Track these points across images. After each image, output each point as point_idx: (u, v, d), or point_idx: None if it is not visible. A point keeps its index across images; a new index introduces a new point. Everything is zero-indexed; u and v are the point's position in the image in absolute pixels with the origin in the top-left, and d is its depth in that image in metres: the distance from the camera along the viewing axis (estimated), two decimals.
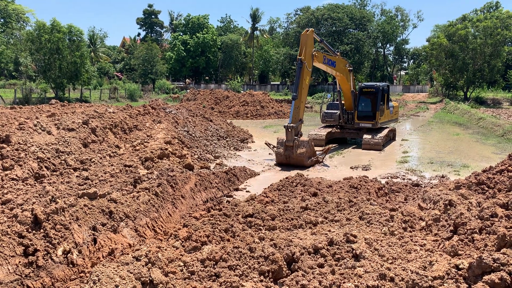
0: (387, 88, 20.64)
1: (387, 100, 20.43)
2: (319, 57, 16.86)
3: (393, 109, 21.95)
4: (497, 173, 7.41)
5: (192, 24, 78.65)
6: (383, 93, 19.88)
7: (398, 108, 23.35)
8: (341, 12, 69.08)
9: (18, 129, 10.22)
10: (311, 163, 14.88)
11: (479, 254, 4.75)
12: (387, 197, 9.96)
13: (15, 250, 5.41)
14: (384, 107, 19.99)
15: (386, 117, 20.53)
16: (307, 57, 15.70)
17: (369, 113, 19.72)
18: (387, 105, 20.65)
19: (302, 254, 5.54)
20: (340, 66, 18.93)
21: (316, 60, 16.55)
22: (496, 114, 34.55)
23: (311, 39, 15.96)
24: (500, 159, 14.06)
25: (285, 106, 41.89)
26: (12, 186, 7.89)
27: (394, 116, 22.47)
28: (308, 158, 14.78)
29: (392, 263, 5.11)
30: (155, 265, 5.39)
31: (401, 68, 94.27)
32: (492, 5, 67.96)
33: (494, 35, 47.31)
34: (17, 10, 69.56)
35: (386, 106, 20.42)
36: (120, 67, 78.96)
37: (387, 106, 20.66)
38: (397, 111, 23.07)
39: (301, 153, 14.56)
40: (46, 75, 41.87)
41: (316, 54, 16.26)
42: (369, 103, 19.81)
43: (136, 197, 7.97)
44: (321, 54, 17.11)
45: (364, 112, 19.83)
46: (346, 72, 19.59)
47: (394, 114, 22.39)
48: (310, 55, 15.84)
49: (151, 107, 18.03)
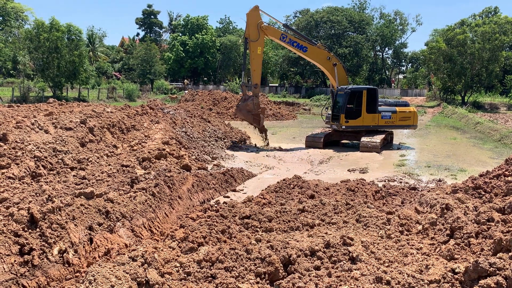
0: (371, 91, 19.81)
1: (370, 103, 19.52)
2: (270, 30, 19.11)
3: (398, 115, 19.99)
4: (494, 178, 7.42)
5: (191, 25, 78.67)
6: (353, 95, 19.33)
7: (410, 113, 20.36)
8: (340, 15, 69.28)
9: (16, 127, 10.19)
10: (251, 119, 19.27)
11: (475, 258, 4.75)
12: (384, 200, 9.97)
13: (10, 249, 5.38)
14: (362, 109, 19.34)
15: (368, 121, 19.55)
16: (251, 32, 18.38)
17: (337, 115, 19.53)
18: (372, 108, 19.60)
19: (298, 256, 5.53)
20: (315, 55, 19.74)
21: (268, 34, 18.91)
22: (494, 119, 34.67)
23: (254, 15, 18.47)
24: (497, 163, 14.10)
25: (284, 108, 41.90)
26: (8, 185, 7.86)
27: (397, 122, 20.12)
28: (247, 112, 18.90)
29: (389, 266, 5.11)
30: (151, 265, 5.38)
31: (399, 71, 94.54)
32: (491, 10, 68.28)
33: (492, 40, 47.51)
34: (16, 8, 69.42)
35: (368, 110, 19.45)
36: (119, 67, 78.90)
37: (373, 110, 19.61)
38: (405, 117, 20.24)
39: (245, 104, 18.87)
40: (44, 73, 41.81)
41: (265, 27, 18.60)
42: (341, 105, 19.56)
43: (133, 197, 7.96)
44: (274, 29, 19.49)
45: (335, 114, 19.85)
46: (328, 66, 19.86)
47: (398, 120, 20.06)
48: (254, 28, 18.34)
49: (149, 107, 18.01)
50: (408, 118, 20.32)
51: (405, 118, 20.25)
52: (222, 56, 78.95)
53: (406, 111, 20.33)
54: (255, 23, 18.42)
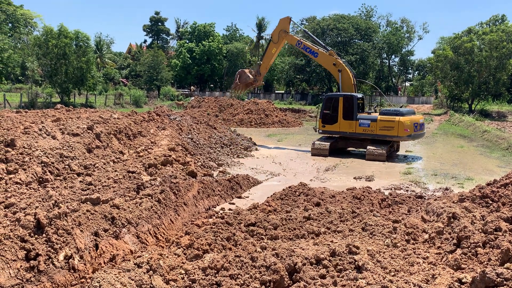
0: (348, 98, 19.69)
1: (347, 110, 19.59)
2: (288, 37, 22.32)
3: (379, 123, 18.85)
4: (502, 187, 7.36)
5: (198, 32, 79.16)
6: (329, 101, 20.31)
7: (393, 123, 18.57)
8: (346, 22, 69.36)
9: (23, 133, 10.27)
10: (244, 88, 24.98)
11: (482, 268, 4.71)
12: (390, 209, 9.91)
13: (17, 254, 5.41)
14: (338, 116, 19.71)
15: (345, 128, 19.65)
16: (274, 35, 22.39)
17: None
18: (349, 115, 19.53)
19: (304, 265, 5.51)
20: (324, 60, 21.48)
21: (287, 40, 22.43)
22: (501, 127, 34.43)
23: (283, 22, 22.08)
24: (504, 172, 14.00)
25: (290, 115, 41.92)
26: (15, 190, 7.91)
27: (377, 131, 18.94)
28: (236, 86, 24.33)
29: (395, 276, 5.08)
30: (156, 272, 5.38)
31: (406, 79, 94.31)
32: (498, 18, 68.05)
33: (499, 48, 47.32)
34: (25, 15, 70.29)
35: (344, 116, 19.56)
36: (126, 73, 79.42)
37: (350, 117, 19.51)
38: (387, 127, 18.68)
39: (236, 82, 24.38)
40: (52, 80, 42.17)
41: (284, 35, 22.03)
42: (319, 110, 21.10)
43: (138, 203, 7.97)
44: (292, 36, 22.41)
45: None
46: (334, 71, 20.95)
47: (378, 129, 18.88)
48: (277, 32, 22.17)
49: (155, 114, 18.09)
50: (391, 128, 18.59)
51: (387, 128, 18.69)
52: (228, 63, 79.25)
53: (389, 120, 18.65)
54: (280, 28, 22.07)
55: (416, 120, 19.29)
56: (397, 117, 18.77)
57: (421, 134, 20.10)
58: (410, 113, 20.18)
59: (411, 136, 18.99)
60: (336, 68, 20.75)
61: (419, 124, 19.47)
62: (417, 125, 19.25)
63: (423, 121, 20.17)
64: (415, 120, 19.20)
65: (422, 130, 20.01)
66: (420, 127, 19.62)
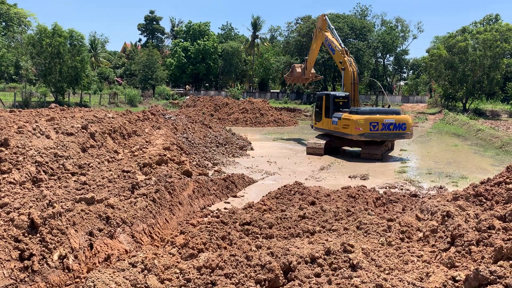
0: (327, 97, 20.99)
1: (327, 108, 20.81)
2: (320, 34, 23.63)
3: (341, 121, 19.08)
4: (495, 185, 7.40)
5: (193, 31, 78.98)
6: (319, 99, 21.92)
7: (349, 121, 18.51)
8: (341, 22, 69.50)
9: (17, 132, 10.21)
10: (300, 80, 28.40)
11: (476, 266, 4.74)
12: (385, 207, 9.94)
13: (10, 254, 5.38)
14: (322, 114, 21.19)
15: (326, 125, 20.79)
16: (314, 32, 25.15)
17: None
18: (328, 113, 20.61)
19: (299, 263, 5.52)
20: (336, 57, 22.43)
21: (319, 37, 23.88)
22: (495, 126, 34.64)
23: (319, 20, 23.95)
24: (498, 171, 14.08)
25: (285, 114, 41.92)
26: (9, 190, 7.86)
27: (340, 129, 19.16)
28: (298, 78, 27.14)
29: (389, 274, 5.09)
30: (151, 271, 5.37)
31: (401, 78, 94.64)
32: (492, 17, 68.46)
33: (493, 48, 47.63)
34: (19, 14, 69.87)
35: (326, 114, 20.83)
36: (121, 73, 79.12)
37: (328, 114, 20.53)
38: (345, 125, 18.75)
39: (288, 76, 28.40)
40: (46, 79, 41.91)
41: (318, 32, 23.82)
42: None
43: (133, 203, 7.95)
44: (322, 34, 23.34)
45: None
46: (340, 68, 22.11)
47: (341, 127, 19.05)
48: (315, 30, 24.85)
49: (150, 113, 18.04)
50: (347, 126, 18.70)
51: (345, 126, 18.85)
52: (223, 62, 79.17)
53: (347, 119, 18.76)
54: (317, 26, 24.14)
55: (377, 120, 18.17)
56: (352, 116, 18.56)
57: (384, 134, 18.42)
58: (381, 112, 19.16)
59: (363, 135, 18.14)
60: (341, 66, 21.62)
61: (385, 124, 18.22)
62: (376, 125, 18.12)
63: (402, 122, 18.53)
64: (375, 119, 18.14)
65: (388, 130, 18.35)
66: (384, 128, 18.25)
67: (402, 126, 18.53)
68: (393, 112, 19.21)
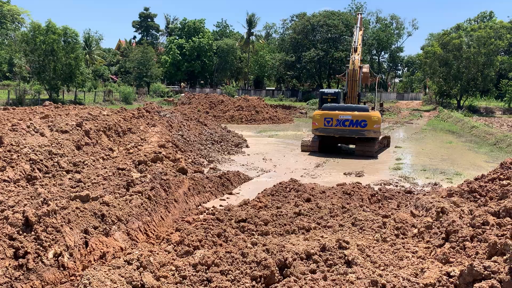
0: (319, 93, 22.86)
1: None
2: None
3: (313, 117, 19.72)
4: (489, 182, 7.45)
5: (188, 28, 78.77)
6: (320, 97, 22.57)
7: None
8: (336, 19, 69.53)
9: (11, 130, 10.15)
10: None
11: (470, 261, 4.77)
12: (380, 204, 9.98)
13: (5, 253, 5.35)
14: None
15: None
16: None
17: None
18: None
19: (294, 260, 5.53)
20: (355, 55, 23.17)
21: None
22: (489, 122, 34.83)
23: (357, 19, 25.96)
24: (492, 167, 14.14)
25: (280, 111, 41.93)
26: (3, 188, 7.82)
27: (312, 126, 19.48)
28: None
29: (384, 270, 5.12)
30: (146, 269, 5.36)
31: (396, 75, 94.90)
32: (486, 15, 68.77)
33: (487, 45, 47.86)
34: (12, 11, 69.38)
35: None
36: (115, 70, 78.86)
37: None
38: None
39: None
40: (40, 76, 41.68)
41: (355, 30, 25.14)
42: None
43: (128, 200, 7.93)
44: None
45: None
46: None
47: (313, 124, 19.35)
48: None
49: (145, 110, 17.99)
50: None
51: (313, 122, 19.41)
52: (219, 60, 79.05)
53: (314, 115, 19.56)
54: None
55: (331, 115, 18.42)
56: (315, 111, 20.07)
57: (338, 130, 18.50)
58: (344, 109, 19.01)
59: (317, 130, 18.89)
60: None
61: (339, 120, 18.30)
62: (330, 121, 18.36)
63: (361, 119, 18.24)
64: (330, 115, 18.42)
65: (343, 126, 18.36)
66: (338, 123, 18.35)
67: (360, 123, 18.28)
68: (358, 109, 18.91)
